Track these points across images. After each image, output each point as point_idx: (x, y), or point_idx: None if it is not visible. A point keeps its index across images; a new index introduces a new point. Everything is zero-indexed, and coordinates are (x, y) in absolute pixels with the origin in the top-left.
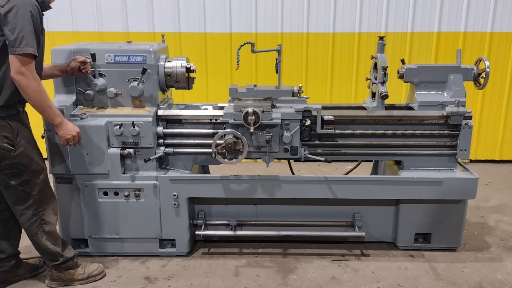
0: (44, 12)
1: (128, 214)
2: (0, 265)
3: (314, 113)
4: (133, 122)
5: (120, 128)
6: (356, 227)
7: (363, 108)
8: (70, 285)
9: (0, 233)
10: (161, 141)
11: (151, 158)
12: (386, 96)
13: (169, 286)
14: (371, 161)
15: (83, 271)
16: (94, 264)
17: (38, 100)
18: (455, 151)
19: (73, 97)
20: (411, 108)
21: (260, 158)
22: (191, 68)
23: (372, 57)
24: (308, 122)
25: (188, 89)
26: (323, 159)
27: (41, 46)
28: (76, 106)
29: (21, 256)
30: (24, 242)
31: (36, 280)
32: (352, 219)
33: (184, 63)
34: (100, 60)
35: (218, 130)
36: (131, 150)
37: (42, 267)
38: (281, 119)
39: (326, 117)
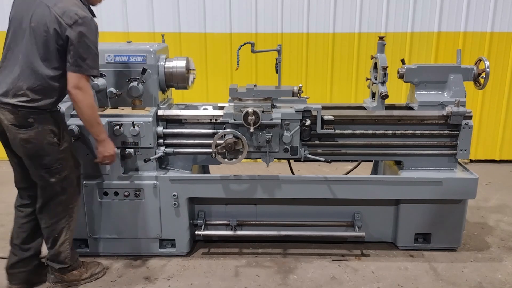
0: None
1: (128, 214)
2: (24, 263)
3: (314, 113)
4: (133, 122)
5: (120, 128)
6: (356, 227)
7: (363, 108)
8: (73, 286)
9: (32, 230)
10: (161, 141)
11: (151, 158)
12: (386, 96)
13: (169, 286)
14: (371, 161)
15: (85, 270)
16: (94, 262)
17: (90, 115)
18: (455, 151)
19: None
20: (411, 108)
21: (260, 158)
22: (192, 70)
23: (372, 57)
24: (308, 122)
25: (188, 88)
26: (323, 159)
27: None
28: None
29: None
30: None
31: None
32: (352, 219)
33: (185, 70)
34: (100, 60)
35: (218, 130)
36: (131, 150)
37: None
38: (281, 119)
39: (326, 117)
